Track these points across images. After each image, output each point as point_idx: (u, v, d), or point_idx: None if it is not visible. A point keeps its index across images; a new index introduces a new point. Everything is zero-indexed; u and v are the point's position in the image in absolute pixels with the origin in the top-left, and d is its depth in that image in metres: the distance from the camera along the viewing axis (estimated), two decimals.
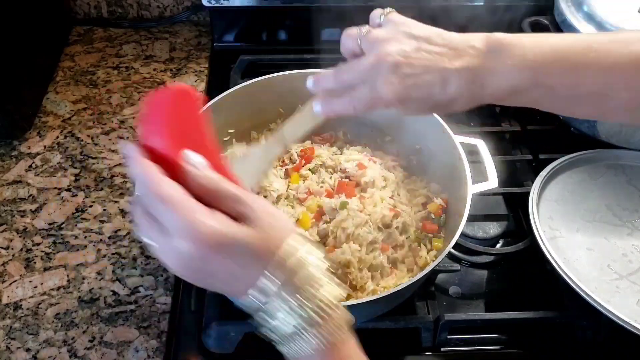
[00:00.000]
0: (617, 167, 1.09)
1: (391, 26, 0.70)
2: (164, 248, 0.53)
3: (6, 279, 0.96)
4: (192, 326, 0.92)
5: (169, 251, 0.53)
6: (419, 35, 0.67)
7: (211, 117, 0.99)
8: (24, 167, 1.13)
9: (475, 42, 0.66)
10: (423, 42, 0.66)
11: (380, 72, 0.65)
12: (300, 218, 0.93)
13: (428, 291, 0.95)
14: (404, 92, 0.65)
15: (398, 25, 0.70)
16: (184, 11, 1.48)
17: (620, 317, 0.83)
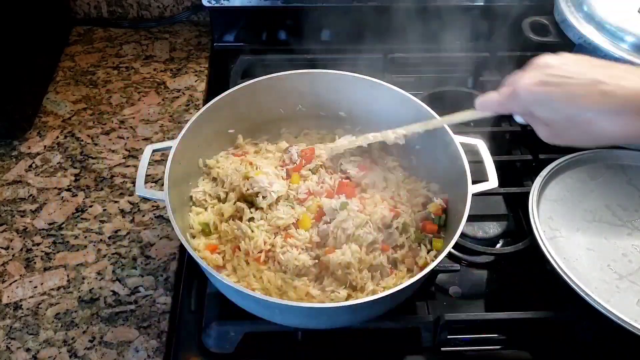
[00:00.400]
0: (617, 167, 1.09)
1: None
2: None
3: (6, 279, 0.96)
4: (192, 326, 0.92)
5: None
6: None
7: (211, 117, 1.00)
8: (24, 167, 1.13)
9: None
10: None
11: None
12: (300, 218, 0.93)
13: (428, 291, 0.95)
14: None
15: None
16: (184, 11, 1.48)
17: (620, 317, 0.84)
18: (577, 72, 0.64)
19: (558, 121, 0.66)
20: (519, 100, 0.69)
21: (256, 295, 0.77)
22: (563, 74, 0.65)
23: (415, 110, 1.01)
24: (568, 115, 0.65)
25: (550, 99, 0.65)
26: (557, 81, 0.65)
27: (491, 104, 0.76)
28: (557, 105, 0.65)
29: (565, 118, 0.65)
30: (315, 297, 0.85)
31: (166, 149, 0.93)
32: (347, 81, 1.06)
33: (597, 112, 0.63)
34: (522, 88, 0.67)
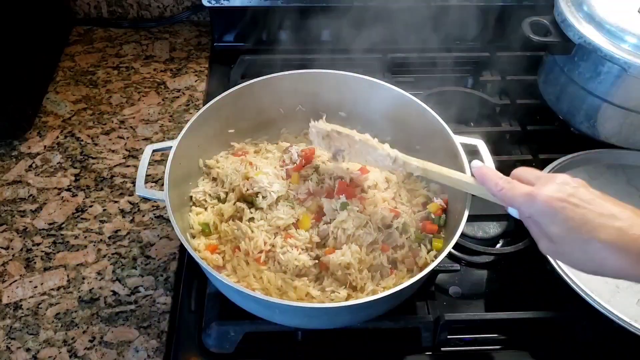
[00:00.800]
0: (617, 167, 1.09)
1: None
2: None
3: (6, 279, 0.96)
4: (192, 326, 0.92)
5: None
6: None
7: (211, 117, 1.00)
8: (24, 167, 1.13)
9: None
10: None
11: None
12: (300, 219, 0.93)
13: (428, 291, 0.95)
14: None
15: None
16: (184, 11, 1.48)
17: (620, 317, 0.84)
18: (595, 201, 0.67)
19: (566, 241, 0.68)
20: (533, 207, 0.69)
21: (256, 295, 0.77)
22: (583, 197, 0.67)
23: (415, 110, 1.01)
24: (578, 239, 0.66)
25: (566, 218, 0.66)
26: (577, 203, 0.67)
27: (499, 190, 0.75)
28: (571, 226, 0.66)
29: (573, 240, 0.67)
30: (315, 297, 0.85)
31: (166, 149, 0.93)
32: (347, 81, 1.06)
33: (607, 245, 0.65)
34: (542, 197, 0.68)
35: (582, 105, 1.13)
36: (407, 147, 1.06)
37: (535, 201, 0.69)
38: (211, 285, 0.93)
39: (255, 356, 0.90)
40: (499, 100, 1.27)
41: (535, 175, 0.74)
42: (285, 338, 0.92)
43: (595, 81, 1.08)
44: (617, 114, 1.09)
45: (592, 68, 1.08)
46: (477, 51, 1.38)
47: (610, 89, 1.07)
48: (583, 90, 1.11)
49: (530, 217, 0.71)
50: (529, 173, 0.75)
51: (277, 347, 0.91)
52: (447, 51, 1.37)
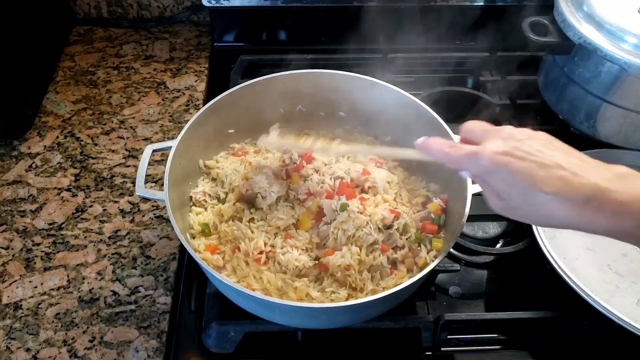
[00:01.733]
0: None
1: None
2: None
3: (6, 279, 0.96)
4: (192, 326, 0.92)
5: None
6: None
7: (211, 117, 1.00)
8: (24, 167, 1.13)
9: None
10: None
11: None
12: (300, 219, 0.93)
13: (428, 291, 0.95)
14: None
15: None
16: (184, 11, 1.48)
17: (620, 317, 0.84)
18: (540, 152, 0.65)
19: (512, 197, 0.67)
20: (478, 165, 0.67)
21: (256, 295, 0.77)
22: (528, 150, 0.65)
23: (415, 110, 1.01)
24: (523, 193, 0.65)
25: (511, 173, 0.65)
26: (522, 155, 0.65)
27: (444, 155, 0.73)
28: (515, 181, 0.65)
29: (519, 195, 0.66)
30: (315, 297, 0.85)
31: (166, 149, 0.93)
32: (347, 81, 1.06)
33: (552, 197, 0.64)
34: (485, 153, 0.66)
35: (582, 105, 1.13)
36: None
37: (480, 159, 0.67)
38: (211, 285, 0.93)
39: (255, 356, 0.90)
40: (499, 100, 1.27)
41: (483, 129, 0.71)
42: (285, 338, 0.92)
43: (595, 81, 1.08)
44: (617, 114, 1.09)
45: (592, 68, 1.08)
46: (477, 51, 1.37)
47: (610, 89, 1.07)
48: (583, 90, 1.11)
49: (478, 177, 0.70)
50: (478, 128, 0.72)
51: (277, 347, 0.91)
52: (447, 51, 1.37)
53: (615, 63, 1.02)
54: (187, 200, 0.99)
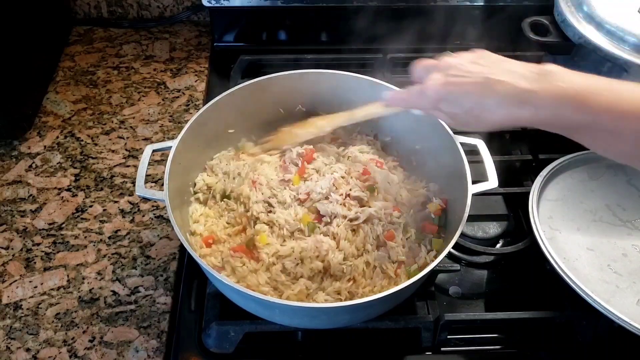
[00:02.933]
0: (617, 167, 1.09)
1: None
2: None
3: (6, 279, 0.96)
4: (192, 326, 0.92)
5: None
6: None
7: (211, 117, 1.00)
8: (24, 167, 1.13)
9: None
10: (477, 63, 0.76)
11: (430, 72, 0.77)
12: (301, 217, 0.93)
13: (428, 291, 0.95)
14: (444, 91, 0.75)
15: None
16: (184, 11, 1.48)
17: (620, 317, 0.84)
18: (470, 71, 0.74)
19: (459, 114, 0.76)
20: (427, 98, 0.77)
21: (256, 295, 0.77)
22: (461, 73, 0.74)
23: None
24: (465, 108, 0.74)
25: (452, 96, 0.75)
26: (456, 80, 0.74)
27: (400, 100, 0.85)
28: (457, 101, 0.75)
29: (463, 111, 0.75)
30: (315, 297, 0.85)
31: (166, 149, 0.93)
32: (347, 81, 1.06)
33: (484, 104, 0.72)
34: (429, 88, 0.76)
35: None
36: (407, 147, 1.07)
37: (425, 94, 0.77)
38: (211, 285, 0.93)
39: (255, 356, 0.90)
40: None
41: (426, 67, 0.79)
42: (285, 338, 0.92)
43: None
44: None
45: (592, 68, 1.08)
46: None
47: None
48: None
49: (431, 109, 0.78)
50: (421, 67, 0.80)
51: (277, 347, 0.91)
52: (447, 51, 1.37)
53: (615, 63, 1.02)
54: (187, 200, 0.99)
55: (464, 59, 0.77)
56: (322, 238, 0.90)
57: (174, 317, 0.94)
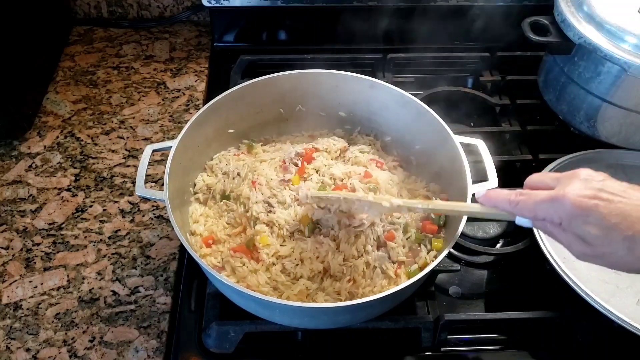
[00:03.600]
0: (617, 167, 1.09)
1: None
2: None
3: (6, 279, 0.96)
4: (192, 326, 0.92)
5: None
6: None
7: (211, 117, 1.00)
8: (24, 167, 1.13)
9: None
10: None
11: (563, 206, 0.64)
12: (300, 218, 0.93)
13: (428, 291, 0.95)
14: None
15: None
16: (184, 11, 1.48)
17: (620, 317, 0.84)
18: (628, 193, 0.62)
19: (605, 242, 0.62)
20: (562, 210, 0.63)
21: (256, 295, 0.77)
22: (613, 190, 0.62)
23: (415, 110, 1.01)
24: (619, 237, 0.61)
25: (602, 216, 0.61)
26: (609, 197, 0.61)
27: (505, 203, 0.69)
28: (608, 224, 0.61)
29: (614, 239, 0.61)
30: (315, 297, 0.85)
31: (166, 149, 0.93)
32: (347, 81, 1.06)
33: (624, 261, 0.61)
34: (570, 197, 0.62)
35: (582, 105, 1.13)
36: (407, 147, 1.07)
37: (564, 204, 0.62)
38: (211, 285, 0.93)
39: (255, 356, 0.90)
40: (499, 100, 1.27)
41: (552, 177, 0.68)
42: (285, 338, 0.92)
43: (595, 81, 1.08)
44: (617, 114, 1.09)
45: (592, 68, 1.08)
46: (477, 51, 1.38)
47: (610, 89, 1.07)
48: (583, 90, 1.11)
49: (560, 223, 0.64)
50: (545, 177, 0.69)
51: (277, 347, 0.91)
52: (447, 51, 1.37)
53: (615, 63, 1.02)
54: (187, 200, 0.99)
55: (604, 176, 0.64)
56: (322, 239, 0.90)
57: (174, 317, 0.94)
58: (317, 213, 0.92)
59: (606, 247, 0.62)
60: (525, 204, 0.67)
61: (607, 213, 0.61)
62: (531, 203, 0.67)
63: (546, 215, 0.66)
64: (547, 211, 0.65)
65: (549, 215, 0.65)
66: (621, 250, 0.61)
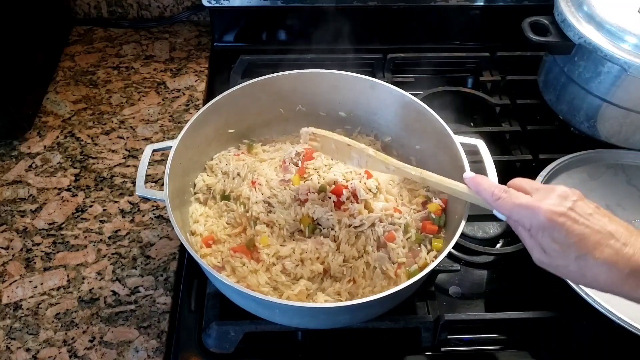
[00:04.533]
0: (617, 167, 1.09)
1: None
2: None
3: (6, 279, 0.96)
4: (192, 326, 0.92)
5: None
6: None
7: (211, 117, 1.00)
8: (24, 167, 1.13)
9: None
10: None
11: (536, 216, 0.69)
12: (301, 218, 0.93)
13: (428, 291, 0.95)
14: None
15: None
16: (184, 11, 1.48)
17: (620, 317, 0.84)
18: (593, 217, 0.68)
19: (561, 256, 0.69)
20: (534, 220, 0.69)
21: (256, 295, 0.77)
22: (582, 212, 0.68)
23: (415, 111, 1.01)
24: (573, 254, 0.68)
25: (566, 234, 0.68)
26: (576, 218, 0.68)
27: (487, 194, 0.75)
28: (569, 242, 0.68)
29: (569, 255, 0.68)
30: (315, 297, 0.85)
31: (166, 149, 0.93)
32: (347, 81, 1.06)
33: (600, 262, 0.67)
34: (544, 210, 0.68)
35: (582, 105, 1.13)
36: (407, 147, 1.07)
37: (537, 214, 0.69)
38: (211, 285, 0.93)
39: (255, 356, 0.90)
40: (499, 100, 1.27)
41: (532, 186, 0.74)
42: (285, 338, 0.92)
43: (595, 81, 1.08)
44: (617, 114, 1.09)
45: (592, 68, 1.08)
46: (477, 51, 1.37)
47: (610, 89, 1.07)
48: (583, 90, 1.11)
49: (530, 229, 0.71)
50: (525, 183, 0.75)
51: (277, 347, 0.91)
52: (447, 51, 1.37)
53: (615, 63, 1.02)
54: (187, 200, 0.99)
55: (579, 195, 0.70)
56: (323, 240, 0.90)
57: (174, 317, 0.94)
58: (317, 211, 0.92)
59: (561, 261, 0.69)
60: (505, 202, 0.73)
61: (570, 232, 0.67)
62: (510, 204, 0.73)
63: (519, 218, 0.72)
64: (521, 215, 0.71)
65: (521, 219, 0.72)
66: (572, 266, 0.68)
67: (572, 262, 0.68)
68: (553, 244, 0.69)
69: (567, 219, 0.68)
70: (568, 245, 0.68)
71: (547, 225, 0.68)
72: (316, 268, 0.87)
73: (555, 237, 0.68)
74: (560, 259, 0.69)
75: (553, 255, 0.70)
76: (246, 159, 1.04)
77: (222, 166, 1.02)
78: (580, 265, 0.68)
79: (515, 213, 0.72)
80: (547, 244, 0.69)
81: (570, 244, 0.67)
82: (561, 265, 0.70)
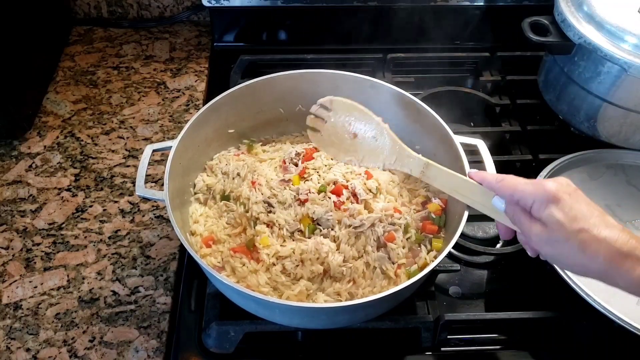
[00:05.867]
0: (617, 167, 1.09)
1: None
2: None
3: (6, 279, 0.96)
4: (192, 326, 0.92)
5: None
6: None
7: (211, 117, 1.00)
8: (24, 167, 1.13)
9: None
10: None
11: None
12: (301, 218, 0.93)
13: (428, 291, 0.95)
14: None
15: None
16: (184, 11, 1.48)
17: (620, 317, 0.84)
18: (591, 204, 0.71)
19: (562, 227, 0.70)
20: (539, 192, 0.71)
21: (256, 295, 0.77)
22: (583, 198, 0.71)
23: (415, 110, 1.01)
24: (576, 225, 0.69)
25: (570, 207, 0.70)
26: (577, 197, 0.71)
27: (494, 181, 0.77)
28: (574, 214, 0.69)
29: (571, 226, 0.69)
30: (315, 297, 0.85)
31: (166, 149, 0.93)
32: (347, 81, 1.06)
33: (602, 238, 0.68)
34: (550, 185, 0.70)
35: (582, 105, 1.13)
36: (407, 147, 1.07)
37: (543, 187, 0.70)
38: (211, 285, 0.93)
39: (255, 356, 0.90)
40: (499, 100, 1.27)
41: (526, 180, 0.75)
42: (285, 338, 0.92)
43: (595, 81, 1.08)
44: (617, 114, 1.09)
45: (592, 68, 1.08)
46: (477, 51, 1.38)
47: (610, 89, 1.07)
48: (583, 90, 1.11)
49: (531, 207, 0.71)
50: (520, 178, 0.76)
51: (277, 347, 0.91)
52: (447, 51, 1.37)
53: (615, 63, 1.02)
54: (187, 200, 0.99)
55: (576, 187, 0.73)
56: (323, 240, 0.90)
57: (174, 317, 0.94)
58: (317, 212, 0.92)
59: (562, 233, 0.69)
60: (508, 182, 0.75)
61: (574, 207, 0.69)
62: (513, 182, 0.75)
63: (522, 196, 0.72)
64: (525, 192, 0.72)
65: (524, 197, 0.72)
66: (573, 240, 0.68)
67: (573, 234, 0.68)
68: (558, 215, 0.69)
69: (569, 196, 0.70)
70: (573, 217, 0.68)
71: (553, 198, 0.69)
72: (316, 268, 0.87)
73: (561, 208, 0.69)
74: (562, 231, 0.69)
75: (554, 228, 0.69)
76: (246, 159, 1.04)
77: (222, 166, 1.02)
78: (583, 238, 0.68)
79: (519, 191, 0.73)
80: (550, 215, 0.69)
81: (573, 216, 0.68)
82: (561, 238, 0.69)
